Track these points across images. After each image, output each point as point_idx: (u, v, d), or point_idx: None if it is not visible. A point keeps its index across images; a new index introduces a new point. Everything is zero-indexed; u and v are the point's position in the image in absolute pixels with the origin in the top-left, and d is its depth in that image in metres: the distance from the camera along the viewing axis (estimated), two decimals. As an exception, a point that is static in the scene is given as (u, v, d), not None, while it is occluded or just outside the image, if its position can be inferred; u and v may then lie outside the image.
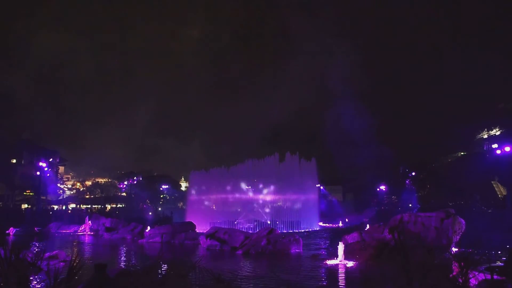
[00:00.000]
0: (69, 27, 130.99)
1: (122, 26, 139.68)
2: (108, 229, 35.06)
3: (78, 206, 68.50)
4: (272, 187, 44.26)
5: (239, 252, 23.43)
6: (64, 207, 65.54)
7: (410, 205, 56.07)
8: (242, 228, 35.92)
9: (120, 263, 19.93)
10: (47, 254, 16.08)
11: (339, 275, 16.24)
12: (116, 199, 77.25)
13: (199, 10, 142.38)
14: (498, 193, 53.57)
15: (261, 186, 44.66)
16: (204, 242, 26.30)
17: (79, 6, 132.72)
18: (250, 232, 29.70)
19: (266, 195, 44.76)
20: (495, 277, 4.72)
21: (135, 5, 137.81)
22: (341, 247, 19.08)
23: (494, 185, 54.43)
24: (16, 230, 34.57)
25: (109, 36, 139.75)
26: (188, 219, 37.10)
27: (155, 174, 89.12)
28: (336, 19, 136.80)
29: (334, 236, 30.21)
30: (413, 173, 62.22)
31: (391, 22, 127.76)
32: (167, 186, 76.82)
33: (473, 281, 4.45)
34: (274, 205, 45.57)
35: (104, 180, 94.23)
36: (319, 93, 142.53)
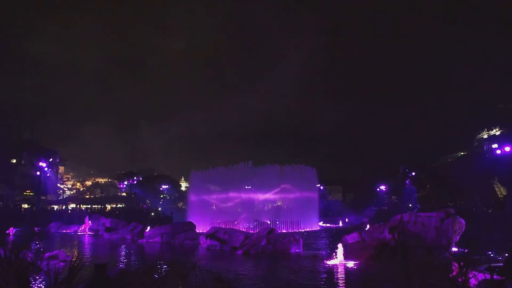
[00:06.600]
0: (70, 29, 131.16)
1: (121, 28, 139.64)
2: (108, 229, 35.01)
3: (78, 206, 68.40)
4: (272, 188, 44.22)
5: (239, 252, 23.40)
6: (64, 207, 65.44)
7: (410, 205, 56.05)
8: (242, 228, 35.88)
9: (120, 263, 19.92)
10: (47, 254, 16.10)
11: (339, 275, 16.21)
12: (116, 199, 77.15)
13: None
14: (498, 193, 53.53)
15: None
16: (204, 242, 26.27)
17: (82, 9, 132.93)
18: (250, 232, 29.66)
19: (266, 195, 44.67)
20: (495, 277, 4.71)
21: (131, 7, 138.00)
22: (341, 247, 19.06)
23: (494, 185, 54.39)
24: (16, 230, 34.52)
25: (108, 38, 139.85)
26: (188, 219, 37.05)
27: (155, 174, 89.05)
28: (330, 17, 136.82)
29: (334, 236, 30.21)
30: (413, 173, 62.15)
31: (390, 22, 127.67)
32: (167, 186, 76.69)
33: (473, 281, 4.44)
34: (274, 205, 45.53)
35: (104, 180, 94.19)
36: (320, 93, 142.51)
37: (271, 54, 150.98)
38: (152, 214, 56.68)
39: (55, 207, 64.59)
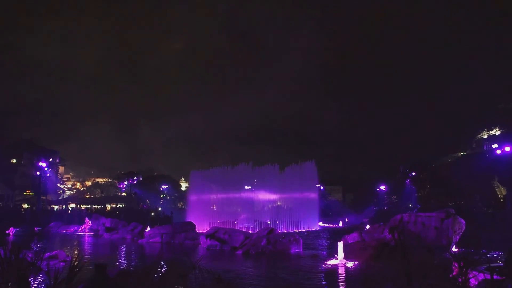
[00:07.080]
0: (70, 29, 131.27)
1: (120, 28, 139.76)
2: (108, 229, 35.00)
3: (78, 206, 68.40)
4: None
5: (239, 252, 23.39)
6: (64, 207, 65.43)
7: (410, 205, 56.04)
8: (242, 228, 35.86)
9: (120, 263, 19.92)
10: (47, 254, 16.07)
11: (339, 275, 16.21)
12: (116, 199, 77.17)
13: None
14: (498, 193, 53.55)
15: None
16: (204, 242, 26.27)
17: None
18: (250, 232, 29.65)
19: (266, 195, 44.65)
20: (495, 277, 4.70)
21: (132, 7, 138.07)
22: (341, 247, 19.05)
23: (494, 185, 54.40)
24: (16, 230, 34.53)
25: (108, 38, 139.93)
26: (188, 219, 37.03)
27: (155, 174, 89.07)
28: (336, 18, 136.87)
29: (334, 236, 30.18)
30: (413, 173, 62.15)
31: (391, 22, 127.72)
32: (167, 186, 76.72)
33: (473, 281, 4.43)
34: (274, 205, 45.52)
35: (104, 180, 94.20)
36: (320, 93, 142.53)
37: (271, 53, 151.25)
38: (152, 214, 56.71)
39: (55, 207, 64.61)
